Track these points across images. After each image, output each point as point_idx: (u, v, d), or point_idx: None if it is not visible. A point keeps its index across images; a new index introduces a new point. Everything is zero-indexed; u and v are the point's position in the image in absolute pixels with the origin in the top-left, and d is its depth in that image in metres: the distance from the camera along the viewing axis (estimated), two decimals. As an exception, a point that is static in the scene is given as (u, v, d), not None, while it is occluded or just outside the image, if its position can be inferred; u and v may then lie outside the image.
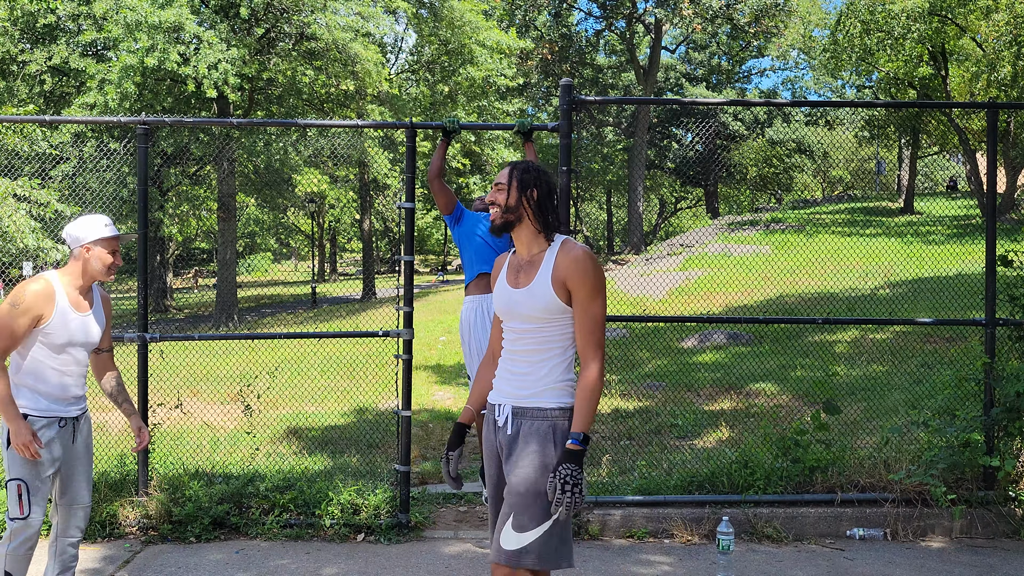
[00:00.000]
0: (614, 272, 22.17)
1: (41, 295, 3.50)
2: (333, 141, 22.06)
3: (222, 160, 22.08)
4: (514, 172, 3.02)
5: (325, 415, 9.13)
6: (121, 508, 5.19)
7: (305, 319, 22.40)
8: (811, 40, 34.64)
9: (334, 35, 19.69)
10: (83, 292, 3.66)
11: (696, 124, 26.35)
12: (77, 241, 3.62)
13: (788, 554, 4.98)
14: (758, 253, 18.57)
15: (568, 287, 2.89)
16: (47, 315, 3.51)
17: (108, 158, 13.62)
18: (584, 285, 2.87)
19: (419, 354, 12.85)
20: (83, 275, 3.64)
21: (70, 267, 3.65)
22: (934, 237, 18.27)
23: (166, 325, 23.71)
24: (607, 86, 41.34)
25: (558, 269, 2.91)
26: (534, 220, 2.98)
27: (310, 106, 23.69)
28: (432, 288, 30.59)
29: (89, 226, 3.64)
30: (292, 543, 5.09)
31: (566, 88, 5.33)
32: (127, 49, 18.18)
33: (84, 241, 3.61)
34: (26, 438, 3.44)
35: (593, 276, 2.90)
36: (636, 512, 5.29)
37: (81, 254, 3.62)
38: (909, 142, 27.05)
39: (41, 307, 3.49)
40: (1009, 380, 5.22)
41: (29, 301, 3.48)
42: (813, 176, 43.75)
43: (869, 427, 7.09)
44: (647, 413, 8.50)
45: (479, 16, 24.71)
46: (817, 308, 12.40)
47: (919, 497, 5.28)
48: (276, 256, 61.88)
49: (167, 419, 6.34)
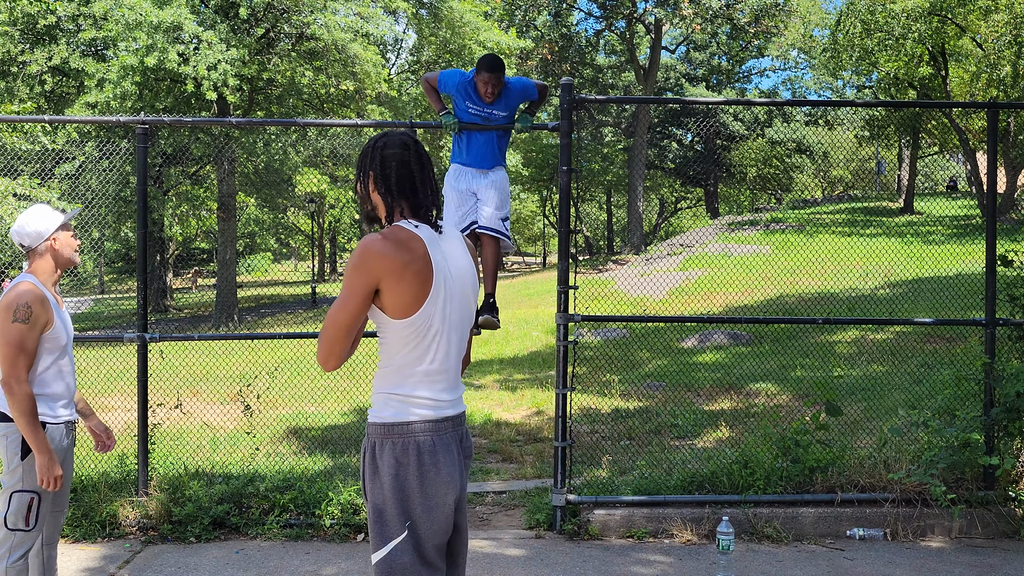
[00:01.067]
0: (614, 272, 22.17)
1: (40, 302, 3.44)
2: (333, 141, 22.06)
3: (222, 160, 22.08)
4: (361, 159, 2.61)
5: (325, 415, 9.13)
6: (121, 508, 5.19)
7: (305, 319, 22.39)
8: (811, 40, 34.62)
9: (334, 35, 19.69)
10: (54, 287, 3.62)
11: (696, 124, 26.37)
12: (40, 237, 3.55)
13: (788, 554, 4.98)
14: (758, 253, 18.56)
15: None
16: (51, 320, 3.48)
17: (108, 158, 13.63)
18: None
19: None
20: (56, 268, 3.58)
21: (39, 265, 3.56)
22: (934, 237, 18.27)
23: (166, 325, 23.72)
24: (607, 86, 41.34)
25: None
26: (383, 209, 2.58)
27: (310, 106, 23.69)
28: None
29: (43, 219, 3.56)
30: (292, 543, 5.09)
31: (566, 88, 5.33)
32: (126, 48, 18.18)
33: (48, 234, 3.55)
34: (57, 471, 3.40)
35: (348, 264, 2.47)
36: (636, 512, 5.29)
37: (49, 248, 3.56)
38: (909, 142, 27.05)
39: (45, 314, 3.45)
40: (1009, 380, 5.22)
41: (36, 313, 3.41)
42: (813, 176, 43.75)
43: (869, 427, 7.09)
44: (647, 413, 8.50)
45: (479, 17, 24.71)
46: (817, 308, 12.40)
47: (919, 497, 5.28)
48: (276, 256, 61.85)
49: (167, 419, 6.34)
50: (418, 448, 2.51)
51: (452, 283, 2.57)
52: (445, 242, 2.62)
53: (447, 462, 2.55)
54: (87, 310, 26.98)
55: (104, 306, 29.64)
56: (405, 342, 2.53)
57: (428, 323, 2.51)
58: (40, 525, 3.49)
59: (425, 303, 2.50)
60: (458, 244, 2.68)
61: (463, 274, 2.63)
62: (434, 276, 2.51)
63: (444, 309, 2.55)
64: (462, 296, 2.61)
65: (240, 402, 6.27)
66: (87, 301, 28.73)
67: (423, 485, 2.51)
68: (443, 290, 2.54)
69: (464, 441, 2.69)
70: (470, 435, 2.77)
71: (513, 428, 8.43)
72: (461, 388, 2.69)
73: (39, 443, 3.38)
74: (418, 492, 2.51)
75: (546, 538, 5.21)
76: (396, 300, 2.48)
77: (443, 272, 2.54)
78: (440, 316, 2.54)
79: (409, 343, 2.52)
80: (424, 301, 2.50)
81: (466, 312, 2.65)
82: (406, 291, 2.47)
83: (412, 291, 2.48)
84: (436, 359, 2.55)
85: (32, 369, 3.46)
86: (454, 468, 2.57)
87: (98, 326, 21.94)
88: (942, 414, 5.45)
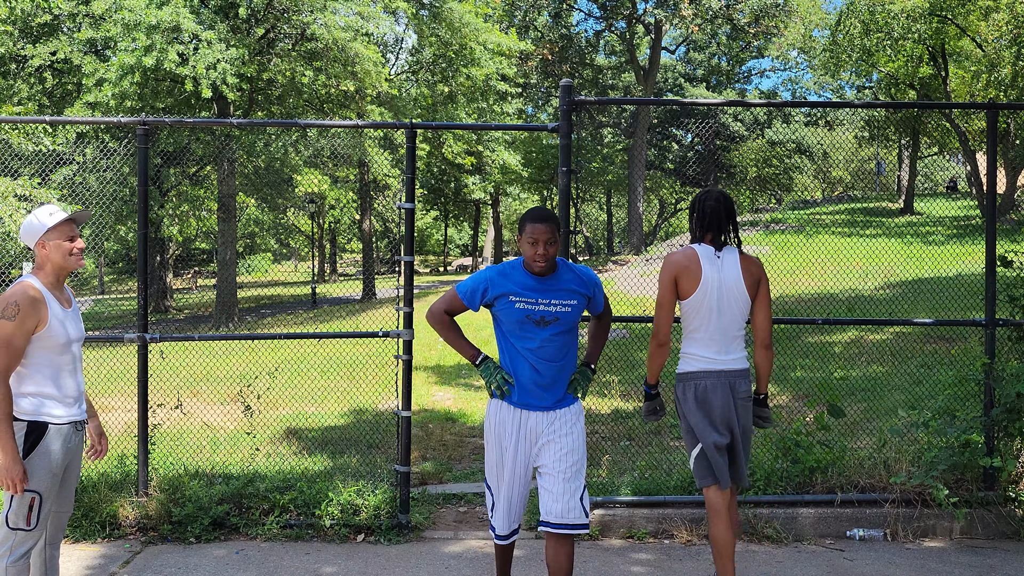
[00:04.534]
0: (614, 272, 22.18)
1: (32, 302, 3.41)
2: (333, 141, 22.06)
3: (222, 160, 22.07)
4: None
5: (325, 415, 9.13)
6: (121, 508, 5.19)
7: (305, 319, 22.39)
8: (811, 40, 34.63)
9: (334, 35, 19.69)
10: (59, 287, 3.60)
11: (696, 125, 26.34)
12: (32, 240, 3.54)
13: (788, 554, 4.98)
14: (758, 253, 18.53)
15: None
16: (44, 320, 3.44)
17: (108, 158, 13.63)
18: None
19: (419, 355, 12.84)
20: (53, 271, 3.55)
21: (39, 266, 3.56)
22: (934, 238, 18.27)
23: (166, 325, 23.72)
24: (607, 87, 41.34)
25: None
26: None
27: (310, 106, 23.69)
28: (432, 288, 30.58)
29: (36, 221, 3.54)
30: (292, 543, 5.09)
31: (566, 89, 5.33)
32: (125, 48, 18.17)
33: (38, 237, 3.53)
34: (17, 474, 3.36)
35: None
36: (636, 512, 5.29)
37: (39, 251, 3.54)
38: (909, 143, 27.06)
39: (36, 314, 3.42)
40: (1009, 380, 5.22)
41: (23, 312, 3.38)
42: (813, 177, 43.75)
43: (869, 428, 7.09)
44: (647, 413, 8.48)
45: (479, 19, 24.71)
46: (817, 308, 12.40)
47: (919, 498, 5.28)
48: (276, 256, 61.85)
49: (167, 419, 6.34)
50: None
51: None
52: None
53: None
54: (87, 310, 26.95)
55: (104, 306, 29.64)
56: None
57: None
58: (42, 525, 3.48)
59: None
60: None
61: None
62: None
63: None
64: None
65: (240, 402, 6.27)
66: (87, 301, 28.71)
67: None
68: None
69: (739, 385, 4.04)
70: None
71: (513, 428, 8.41)
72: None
73: (4, 442, 3.34)
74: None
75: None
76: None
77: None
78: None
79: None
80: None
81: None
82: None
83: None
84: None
85: (26, 368, 3.46)
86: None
87: (98, 326, 21.93)
88: (942, 415, 5.45)
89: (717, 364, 4.01)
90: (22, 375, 3.47)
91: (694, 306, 4.01)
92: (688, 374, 4.08)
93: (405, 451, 5.33)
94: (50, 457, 3.47)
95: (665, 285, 4.03)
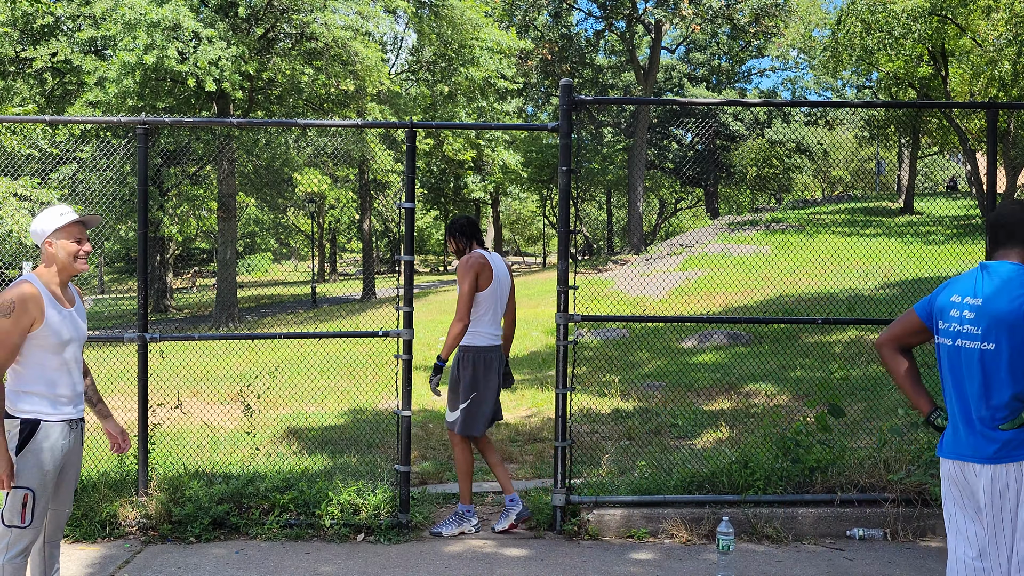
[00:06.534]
0: (614, 272, 22.19)
1: (28, 300, 3.42)
2: (333, 141, 22.06)
3: (222, 160, 22.07)
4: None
5: (325, 415, 9.13)
6: (121, 508, 5.19)
7: (305, 319, 22.40)
8: (811, 40, 34.61)
9: (334, 34, 19.69)
10: (63, 287, 3.60)
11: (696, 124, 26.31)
12: (40, 238, 3.55)
13: (788, 554, 4.98)
14: (758, 253, 18.57)
15: None
16: (39, 319, 3.44)
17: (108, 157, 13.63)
18: None
19: (419, 354, 12.83)
20: (57, 271, 3.56)
21: (43, 265, 3.58)
22: (934, 237, 18.27)
23: (166, 325, 23.72)
24: (607, 86, 41.33)
25: None
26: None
27: (310, 106, 23.69)
28: (432, 288, 30.58)
29: (46, 219, 3.55)
30: (292, 543, 5.10)
31: (566, 88, 5.33)
32: (125, 47, 18.16)
33: (45, 236, 3.54)
34: (6, 470, 3.38)
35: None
36: (636, 512, 5.29)
37: (46, 250, 3.55)
38: (909, 142, 27.05)
39: (31, 312, 3.42)
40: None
41: (19, 309, 3.39)
42: (813, 176, 43.76)
43: (869, 427, 7.09)
44: (647, 413, 8.50)
45: (480, 15, 24.71)
46: (817, 308, 12.40)
47: (919, 497, 5.28)
48: (276, 256, 61.87)
49: (167, 419, 6.34)
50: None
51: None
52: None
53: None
54: (87, 310, 26.97)
55: (104, 306, 29.64)
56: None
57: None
58: (38, 522, 3.48)
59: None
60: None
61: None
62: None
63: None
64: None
65: (240, 402, 6.27)
66: (87, 301, 28.70)
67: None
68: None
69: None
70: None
71: (513, 428, 8.43)
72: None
73: None
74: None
75: (546, 538, 5.22)
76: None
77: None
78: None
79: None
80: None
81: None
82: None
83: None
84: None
85: (21, 366, 3.47)
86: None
87: (98, 326, 21.94)
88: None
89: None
90: (17, 372, 3.49)
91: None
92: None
93: (405, 451, 5.33)
94: (41, 455, 3.47)
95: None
